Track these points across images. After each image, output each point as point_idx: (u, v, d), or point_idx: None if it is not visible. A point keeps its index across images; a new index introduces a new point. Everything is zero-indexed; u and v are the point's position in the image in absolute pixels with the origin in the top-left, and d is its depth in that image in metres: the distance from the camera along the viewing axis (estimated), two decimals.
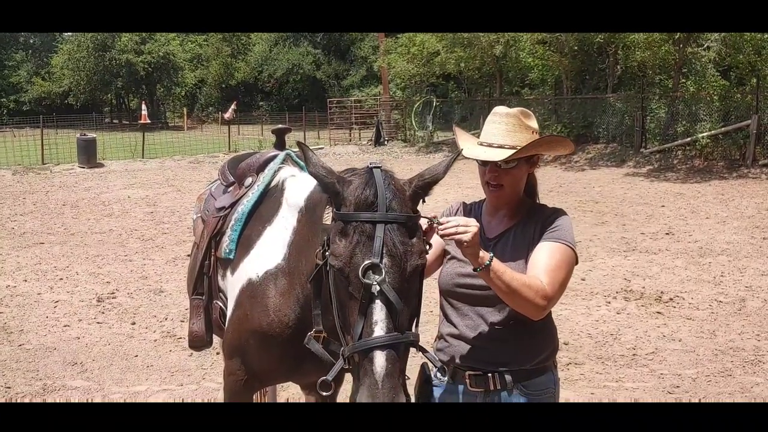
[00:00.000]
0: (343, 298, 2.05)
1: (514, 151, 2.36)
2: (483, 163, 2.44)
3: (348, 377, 2.20)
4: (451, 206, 2.69)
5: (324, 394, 2.11)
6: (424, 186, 2.17)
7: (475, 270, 2.20)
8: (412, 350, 2.07)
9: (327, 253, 2.12)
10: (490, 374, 2.39)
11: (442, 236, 2.19)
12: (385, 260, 1.96)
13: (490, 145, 2.41)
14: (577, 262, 2.43)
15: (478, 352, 2.41)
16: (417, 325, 2.12)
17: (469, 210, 2.62)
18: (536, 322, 2.37)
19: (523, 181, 2.49)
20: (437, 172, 2.19)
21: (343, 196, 2.09)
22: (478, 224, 2.17)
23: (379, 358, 1.89)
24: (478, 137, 2.53)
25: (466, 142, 2.53)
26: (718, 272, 8.27)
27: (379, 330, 1.92)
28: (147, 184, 17.53)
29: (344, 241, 2.02)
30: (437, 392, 2.52)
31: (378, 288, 1.93)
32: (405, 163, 21.22)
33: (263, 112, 48.66)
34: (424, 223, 2.19)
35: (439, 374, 2.23)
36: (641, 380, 5.32)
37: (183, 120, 48.02)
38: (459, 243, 2.15)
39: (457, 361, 2.45)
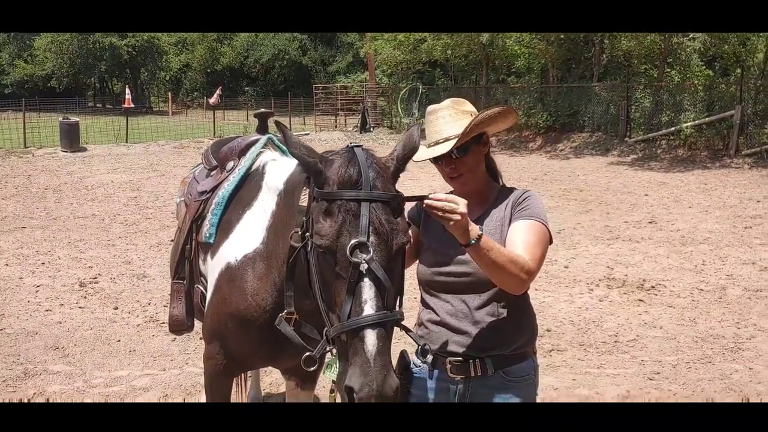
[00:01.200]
0: (328, 278, 2.04)
1: (452, 141, 2.38)
2: (435, 161, 2.47)
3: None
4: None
5: (309, 369, 2.12)
6: (404, 160, 2.20)
7: (464, 246, 2.18)
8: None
9: (306, 235, 2.11)
10: (471, 361, 2.39)
11: (431, 211, 2.15)
12: (372, 238, 1.96)
13: (436, 143, 2.44)
14: (551, 241, 2.45)
15: (458, 338, 2.41)
16: (401, 304, 2.13)
17: None
18: (515, 308, 2.39)
19: (480, 165, 2.51)
20: (413, 145, 2.21)
21: (326, 175, 2.08)
22: (466, 201, 2.15)
23: (371, 336, 1.89)
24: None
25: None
26: (699, 261, 8.35)
27: (369, 308, 1.91)
28: (131, 169, 17.40)
29: (329, 221, 2.01)
30: (417, 379, 2.52)
31: (366, 266, 1.92)
32: (390, 150, 21.17)
33: (249, 98, 48.39)
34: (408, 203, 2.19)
35: (420, 356, 2.24)
36: (622, 367, 5.37)
37: (168, 105, 47.69)
38: (448, 220, 2.12)
39: (437, 347, 2.44)
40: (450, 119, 2.44)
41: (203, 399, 3.93)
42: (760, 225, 10.34)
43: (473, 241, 2.14)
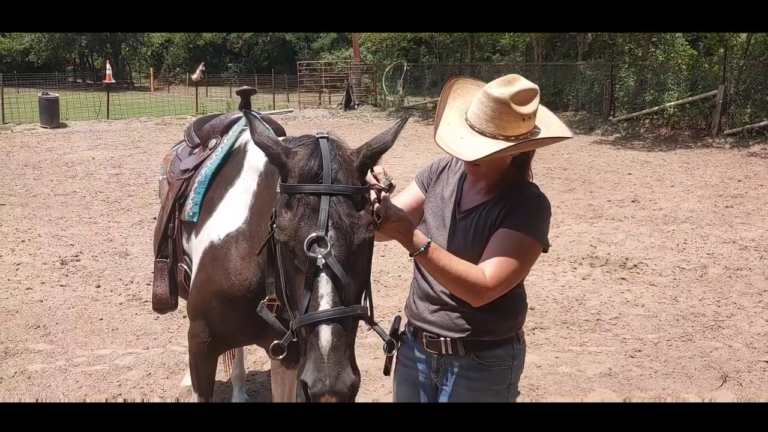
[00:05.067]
0: (289, 271, 2.02)
1: (487, 140, 2.15)
2: None
3: None
4: (441, 159, 2.58)
5: (277, 358, 2.11)
6: (372, 155, 2.09)
7: (410, 255, 2.16)
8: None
9: (273, 225, 2.07)
10: (442, 339, 2.39)
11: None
12: (330, 233, 1.92)
13: (472, 127, 2.19)
14: (546, 250, 2.33)
15: (437, 316, 2.41)
16: (367, 298, 2.09)
17: (458, 169, 2.48)
18: (499, 300, 2.26)
19: (505, 161, 2.28)
20: (385, 141, 2.11)
21: (288, 167, 2.03)
22: (401, 220, 2.09)
23: (325, 332, 1.86)
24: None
25: (449, 113, 2.29)
26: (681, 239, 8.42)
27: (325, 304, 1.88)
28: (112, 146, 17.20)
29: (289, 214, 1.97)
30: (405, 346, 2.56)
31: (323, 261, 1.89)
32: (375, 128, 21.09)
33: (232, 74, 47.95)
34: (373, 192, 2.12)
35: (386, 351, 2.24)
36: (604, 344, 5.42)
37: (149, 80, 47.14)
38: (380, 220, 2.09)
39: (418, 321, 2.46)
40: (497, 114, 2.13)
41: (188, 377, 3.93)
42: (741, 204, 10.44)
43: (422, 249, 2.12)
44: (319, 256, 1.89)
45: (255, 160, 2.73)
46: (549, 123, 2.27)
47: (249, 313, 2.61)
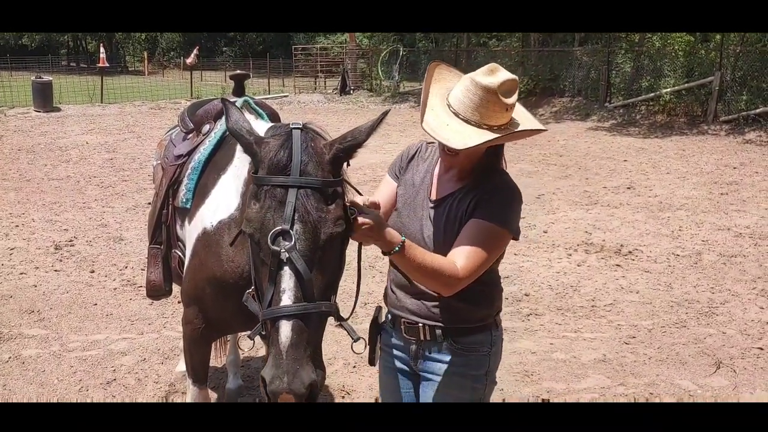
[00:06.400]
0: (257, 263, 1.99)
1: (473, 129, 2.17)
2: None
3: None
4: (410, 146, 2.58)
5: (244, 351, 2.10)
6: (345, 149, 2.03)
7: (384, 254, 2.12)
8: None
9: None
10: (420, 325, 2.40)
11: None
12: (296, 227, 1.87)
13: (456, 114, 2.20)
14: (516, 238, 2.32)
15: (415, 304, 2.41)
16: (335, 294, 2.04)
17: (428, 156, 2.50)
18: (474, 288, 2.27)
19: (482, 149, 2.28)
20: (359, 136, 2.05)
21: (259, 157, 1.99)
22: (369, 222, 2.03)
23: (285, 328, 1.82)
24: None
25: (432, 98, 2.29)
26: (676, 226, 8.43)
27: (287, 299, 1.85)
28: (106, 130, 17.10)
29: (257, 206, 1.93)
30: (385, 333, 2.57)
31: (286, 255, 1.85)
32: (370, 113, 21.02)
33: (226, 58, 47.74)
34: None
35: (354, 350, 2.16)
36: (599, 331, 5.43)
37: (143, 64, 46.88)
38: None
39: (396, 309, 2.47)
40: (483, 103, 2.15)
41: (182, 363, 3.93)
42: (736, 191, 10.45)
43: (397, 248, 2.08)
44: (283, 250, 1.85)
45: None
46: (522, 115, 2.31)
47: (242, 300, 2.60)
